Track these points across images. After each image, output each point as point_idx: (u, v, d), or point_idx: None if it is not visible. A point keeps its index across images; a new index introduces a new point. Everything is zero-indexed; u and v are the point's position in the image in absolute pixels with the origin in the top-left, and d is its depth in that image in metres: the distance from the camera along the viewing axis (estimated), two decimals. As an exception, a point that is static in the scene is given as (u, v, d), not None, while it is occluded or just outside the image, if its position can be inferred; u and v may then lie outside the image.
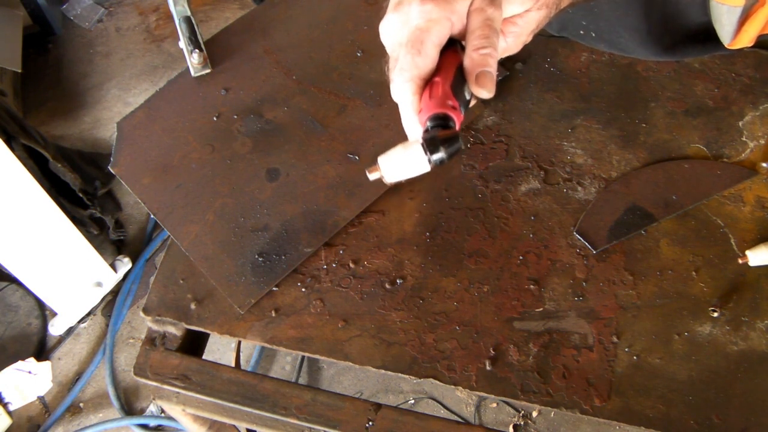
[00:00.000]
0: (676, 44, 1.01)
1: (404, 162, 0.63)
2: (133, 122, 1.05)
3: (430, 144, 0.60)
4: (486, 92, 0.63)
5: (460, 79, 0.64)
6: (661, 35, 0.99)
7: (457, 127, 0.62)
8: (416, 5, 0.62)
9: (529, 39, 0.71)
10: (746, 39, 0.79)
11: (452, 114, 0.62)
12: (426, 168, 0.62)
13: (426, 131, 0.62)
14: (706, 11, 0.87)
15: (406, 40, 0.63)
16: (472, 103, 0.67)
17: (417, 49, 0.62)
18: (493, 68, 0.64)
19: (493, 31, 0.64)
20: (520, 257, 0.94)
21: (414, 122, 0.65)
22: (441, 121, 0.61)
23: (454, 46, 0.65)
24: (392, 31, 0.65)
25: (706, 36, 0.95)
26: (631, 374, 0.86)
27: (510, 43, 0.71)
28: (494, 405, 1.88)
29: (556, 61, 1.10)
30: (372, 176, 0.65)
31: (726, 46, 0.83)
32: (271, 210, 0.97)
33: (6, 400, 1.82)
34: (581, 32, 1.06)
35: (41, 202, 1.64)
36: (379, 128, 1.03)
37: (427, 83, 0.64)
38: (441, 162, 0.61)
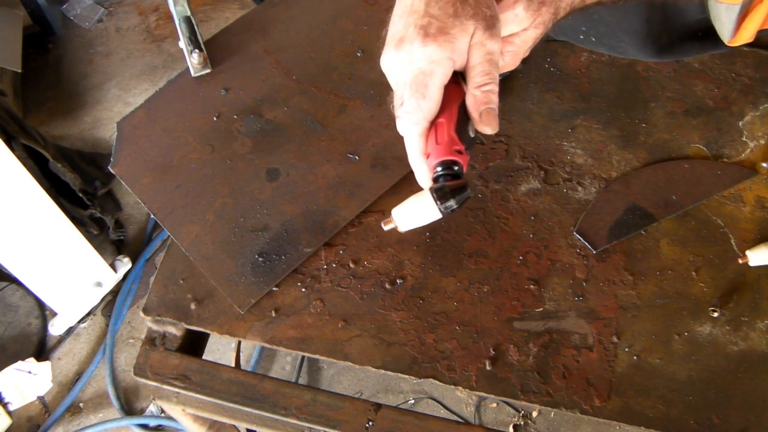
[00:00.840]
0: (674, 43, 1.01)
1: (417, 213, 0.66)
2: (133, 122, 1.05)
3: (441, 195, 0.64)
4: (490, 129, 0.65)
5: (463, 118, 0.66)
6: (659, 35, 0.99)
7: (464, 169, 0.65)
8: (418, 46, 0.63)
9: (527, 54, 0.72)
10: (746, 36, 0.80)
11: (459, 159, 0.65)
12: (438, 216, 0.65)
13: (435, 180, 0.65)
14: (704, 8, 0.87)
15: (410, 82, 0.64)
16: (477, 142, 0.69)
17: (421, 93, 0.63)
18: (495, 104, 0.65)
19: (494, 66, 0.65)
20: (520, 257, 0.94)
21: (421, 162, 0.67)
22: (449, 169, 0.64)
23: (455, 78, 0.67)
24: (395, 70, 0.66)
25: (704, 34, 0.95)
26: (631, 374, 0.86)
27: (508, 61, 0.72)
28: (494, 405, 1.88)
29: (556, 61, 1.10)
30: (387, 227, 0.68)
31: (726, 43, 0.83)
32: (271, 210, 0.97)
33: (6, 400, 1.82)
34: (581, 37, 1.06)
35: (41, 202, 1.64)
36: (379, 128, 1.03)
37: (433, 122, 0.66)
38: (452, 210, 0.64)
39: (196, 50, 1.05)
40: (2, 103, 1.88)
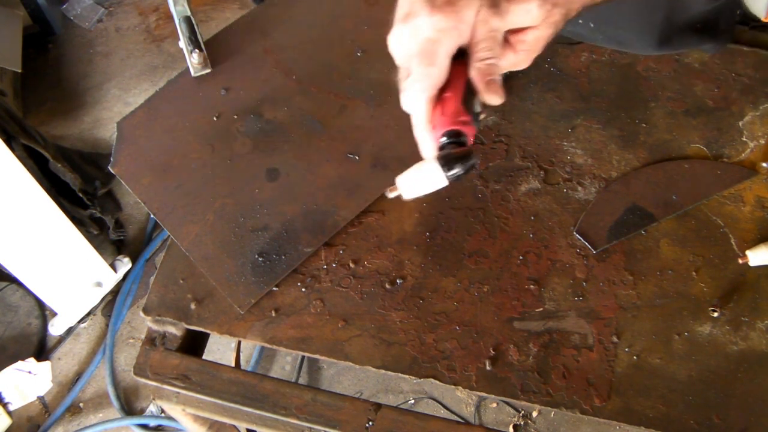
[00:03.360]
0: (675, 34, 1.01)
1: (421, 180, 0.65)
2: (133, 122, 1.05)
3: (446, 161, 0.63)
4: (497, 98, 0.65)
5: (469, 93, 0.66)
6: (661, 24, 0.99)
7: (470, 141, 0.65)
8: (425, 16, 0.63)
9: (540, 51, 0.73)
10: None
11: (465, 129, 0.65)
12: (443, 183, 0.65)
13: (441, 148, 0.65)
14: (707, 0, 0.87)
15: (418, 51, 0.64)
16: (482, 116, 0.69)
17: (429, 60, 0.64)
18: (498, 77, 0.66)
19: (497, 43, 0.66)
20: (520, 257, 0.94)
21: (427, 133, 0.67)
22: (454, 137, 0.64)
23: (460, 58, 0.67)
24: (402, 42, 0.66)
25: (703, 26, 0.95)
26: (631, 374, 0.86)
27: (522, 58, 0.73)
28: (494, 405, 1.88)
29: (556, 61, 1.10)
30: (391, 195, 0.68)
31: (763, 20, 0.83)
32: (271, 210, 0.97)
33: (6, 400, 1.82)
34: (579, 21, 1.06)
35: (41, 202, 1.64)
36: (379, 128, 1.03)
37: (440, 94, 0.66)
38: (458, 177, 0.64)
39: (196, 50, 1.05)
40: (2, 103, 1.88)
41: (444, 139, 0.65)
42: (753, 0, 0.82)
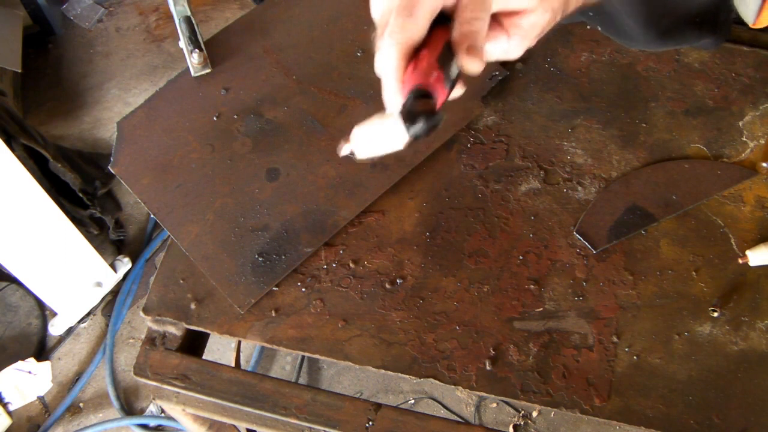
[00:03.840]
0: (674, 28, 1.00)
1: (378, 134, 0.58)
2: (133, 122, 1.05)
3: (408, 115, 0.56)
4: (476, 65, 0.60)
5: (447, 54, 0.60)
6: (660, 18, 0.99)
7: (438, 105, 0.59)
8: None
9: (533, 43, 0.70)
10: None
11: (435, 87, 0.58)
12: (402, 141, 0.57)
13: (404, 104, 0.58)
14: None
15: (398, 5, 0.59)
16: (458, 89, 0.64)
17: (408, 12, 0.59)
18: (482, 44, 0.61)
19: (485, 10, 0.61)
20: (520, 257, 0.94)
21: (396, 93, 0.61)
22: (422, 95, 0.57)
23: (442, 24, 0.62)
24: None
25: (702, 19, 0.95)
26: (631, 374, 0.86)
27: (514, 46, 0.69)
28: (494, 405, 1.88)
29: (556, 61, 1.10)
30: (343, 151, 0.61)
31: (750, 26, 0.83)
32: (271, 210, 0.97)
33: (6, 400, 1.82)
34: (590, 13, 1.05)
35: (41, 202, 1.64)
36: (379, 128, 1.03)
37: (415, 54, 0.60)
38: (417, 136, 0.56)
39: (196, 50, 1.05)
40: (2, 103, 1.88)
41: (410, 96, 0.57)
42: (743, 4, 0.82)
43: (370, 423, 0.86)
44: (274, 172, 1.00)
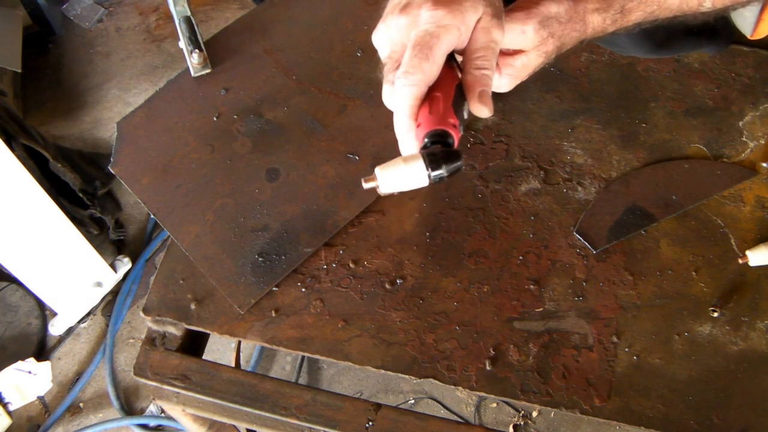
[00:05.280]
0: (670, 39, 1.01)
1: (403, 175, 0.61)
2: (133, 122, 1.05)
3: (432, 159, 0.59)
4: (487, 111, 0.63)
5: (459, 98, 0.63)
6: (655, 30, 0.99)
7: (456, 145, 0.61)
8: (427, 9, 0.61)
9: (525, 79, 0.71)
10: (766, 28, 0.80)
11: (452, 132, 0.61)
12: (424, 183, 0.60)
13: (425, 147, 0.61)
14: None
15: (414, 44, 0.61)
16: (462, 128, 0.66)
17: (425, 54, 0.60)
18: (490, 89, 0.63)
19: (494, 55, 0.64)
20: (520, 257, 0.94)
21: (410, 130, 0.63)
22: (440, 139, 0.60)
23: (450, 62, 0.64)
24: (396, 32, 0.63)
25: (699, 30, 0.95)
26: (631, 374, 0.86)
27: (504, 83, 0.71)
28: (494, 405, 1.88)
29: (556, 61, 1.10)
30: (367, 186, 0.63)
31: (749, 37, 0.83)
32: (271, 210, 0.97)
33: (6, 400, 1.82)
34: None
35: (41, 202, 1.64)
36: (379, 128, 1.03)
37: (428, 93, 0.63)
38: (441, 179, 0.60)
39: (196, 50, 1.05)
40: (2, 103, 1.88)
41: (428, 140, 0.61)
42: (740, 18, 0.82)
43: (370, 423, 0.86)
44: (274, 173, 1.00)
